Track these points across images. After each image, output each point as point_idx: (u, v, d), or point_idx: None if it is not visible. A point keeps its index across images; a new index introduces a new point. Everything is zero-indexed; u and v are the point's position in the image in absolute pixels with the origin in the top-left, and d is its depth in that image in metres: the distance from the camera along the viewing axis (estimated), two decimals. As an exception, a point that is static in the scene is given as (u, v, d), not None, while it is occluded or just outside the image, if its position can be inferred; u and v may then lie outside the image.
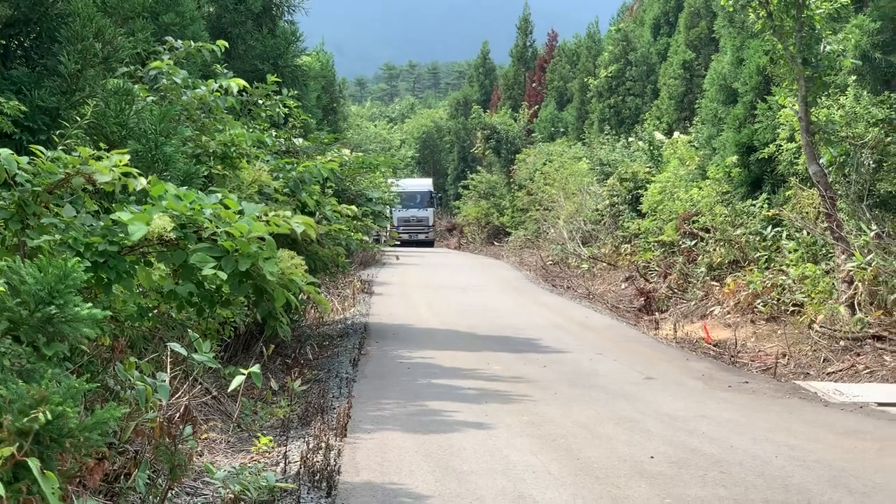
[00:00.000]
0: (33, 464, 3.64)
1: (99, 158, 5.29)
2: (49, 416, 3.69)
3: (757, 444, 10.71)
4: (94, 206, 5.38)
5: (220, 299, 5.06)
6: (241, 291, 4.76)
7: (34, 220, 5.00)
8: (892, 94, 18.15)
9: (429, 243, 61.76)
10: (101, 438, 3.96)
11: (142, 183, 5.25)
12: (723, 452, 10.29)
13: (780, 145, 21.40)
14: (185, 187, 5.35)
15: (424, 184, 65.32)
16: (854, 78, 18.86)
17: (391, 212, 55.05)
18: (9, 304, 3.93)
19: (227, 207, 5.08)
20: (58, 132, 6.41)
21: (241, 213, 5.05)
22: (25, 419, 3.66)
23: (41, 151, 5.34)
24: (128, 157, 5.40)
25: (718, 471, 9.51)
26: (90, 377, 4.20)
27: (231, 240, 4.72)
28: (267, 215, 5.19)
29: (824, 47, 18.13)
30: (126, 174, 5.37)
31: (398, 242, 56.01)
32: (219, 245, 4.78)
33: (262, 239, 4.96)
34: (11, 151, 5.25)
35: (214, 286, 5.21)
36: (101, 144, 5.87)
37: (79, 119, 6.65)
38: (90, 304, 4.03)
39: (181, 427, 5.62)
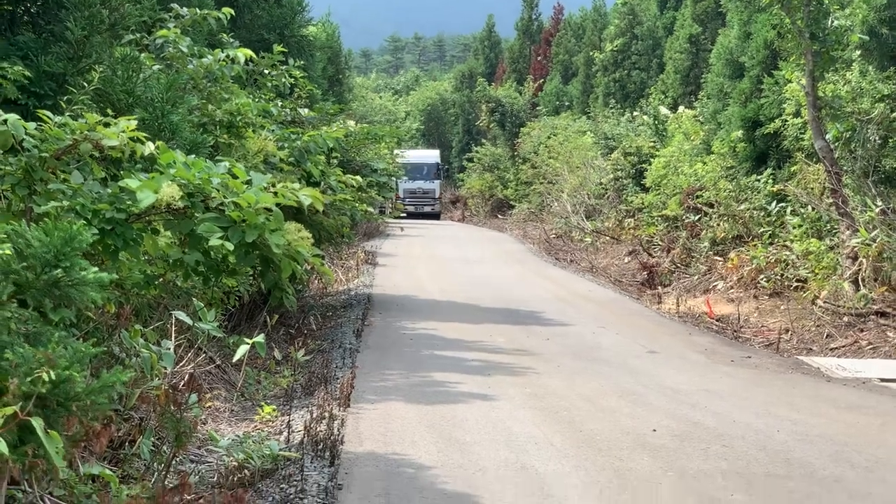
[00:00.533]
0: (37, 423, 3.65)
1: (107, 125, 5.29)
2: (53, 377, 3.70)
3: (759, 419, 10.73)
4: (101, 172, 5.38)
5: (226, 269, 5.06)
6: (248, 262, 4.76)
7: (41, 185, 4.99)
8: (897, 70, 18.08)
9: (435, 216, 60.65)
10: (108, 403, 3.97)
11: (150, 148, 5.24)
12: (725, 426, 10.31)
13: (786, 120, 21.34)
14: (192, 156, 5.35)
15: (431, 155, 64.15)
16: (860, 53, 18.77)
17: (397, 183, 54.83)
18: (15, 267, 3.93)
19: (235, 177, 5.07)
20: (65, 98, 6.40)
21: (248, 183, 5.04)
22: (29, 379, 3.67)
23: (48, 117, 5.33)
24: (135, 122, 5.39)
25: (721, 444, 9.53)
26: (96, 343, 4.19)
27: (238, 210, 4.71)
28: (275, 186, 5.19)
29: (832, 22, 18.05)
30: (134, 140, 5.37)
31: (404, 214, 55.96)
32: (226, 215, 4.77)
33: (270, 210, 4.96)
34: (18, 117, 5.24)
35: (221, 256, 5.21)
36: (109, 112, 5.86)
37: (85, 85, 6.64)
38: (96, 269, 4.03)
39: (186, 395, 5.63)
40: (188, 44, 10.22)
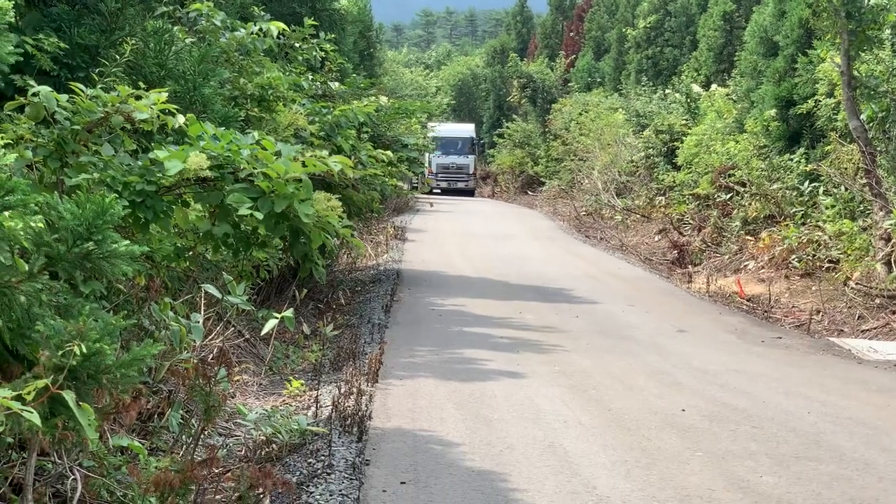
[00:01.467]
0: (69, 396, 3.65)
1: (138, 97, 5.27)
2: (84, 350, 3.69)
3: (789, 400, 10.67)
4: (132, 145, 5.38)
5: (255, 241, 5.04)
6: (278, 232, 4.74)
7: (73, 158, 4.99)
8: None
9: (469, 192, 58.24)
10: (138, 376, 3.97)
11: (180, 120, 5.23)
12: (755, 407, 10.26)
13: (819, 101, 21.15)
14: (222, 129, 5.33)
15: (466, 129, 61.23)
16: (891, 33, 18.54)
17: (430, 158, 54.18)
18: (46, 239, 3.92)
19: (264, 149, 5.05)
20: (97, 70, 6.39)
21: (277, 154, 5.02)
22: (60, 352, 3.67)
23: (80, 89, 5.32)
24: (166, 95, 5.37)
25: (750, 425, 9.49)
26: (126, 316, 4.19)
27: (268, 181, 4.69)
28: (304, 156, 5.16)
29: (868, 0, 17.85)
30: (165, 112, 5.35)
31: (438, 191, 54.42)
32: (255, 186, 4.75)
33: (299, 180, 4.93)
34: (51, 89, 5.24)
35: (250, 227, 5.20)
36: (140, 84, 5.85)
37: (118, 58, 6.64)
38: (128, 241, 4.03)
39: (216, 368, 5.63)
40: (222, 17, 10.20)
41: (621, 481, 7.70)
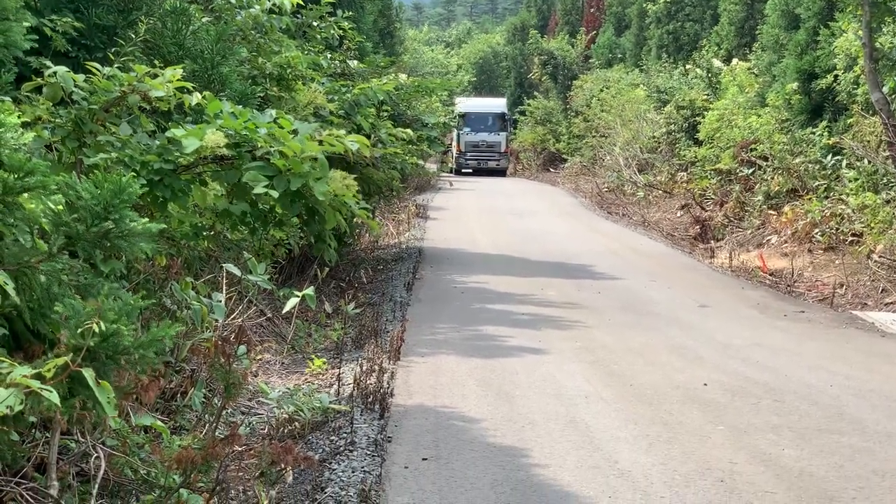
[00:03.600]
0: (88, 374, 3.68)
1: (154, 76, 5.28)
2: (103, 328, 3.71)
3: (812, 373, 10.65)
4: (149, 125, 5.39)
5: (273, 219, 5.06)
6: (294, 211, 4.75)
7: (91, 138, 5.01)
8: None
9: (500, 172, 54.21)
10: (157, 356, 3.99)
11: (197, 98, 5.24)
12: (777, 381, 10.25)
13: (838, 75, 21.02)
14: (240, 107, 5.34)
15: (497, 104, 57.58)
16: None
17: (458, 135, 52.47)
18: (65, 219, 3.95)
19: (281, 127, 5.06)
20: (113, 50, 6.41)
21: (294, 132, 5.02)
22: (80, 331, 3.69)
23: (97, 69, 5.34)
24: (181, 71, 5.38)
25: (772, 399, 9.48)
26: (146, 295, 4.21)
27: (284, 159, 4.70)
28: (321, 134, 5.16)
29: (891, -29, 17.72)
30: (181, 90, 5.36)
31: (469, 170, 53.03)
32: (272, 164, 4.76)
33: (316, 159, 4.93)
34: (68, 69, 5.26)
35: (268, 206, 5.21)
36: (157, 63, 5.86)
37: (133, 37, 6.65)
38: (146, 219, 4.05)
39: (235, 346, 5.66)
40: (237, -6, 10.22)
41: (643, 456, 7.71)
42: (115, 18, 7.06)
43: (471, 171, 53.35)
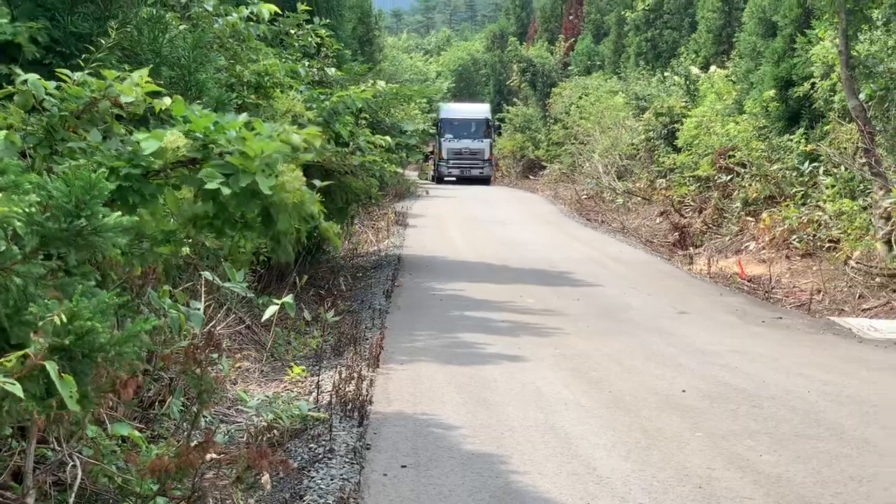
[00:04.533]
0: (50, 366, 3.66)
1: (124, 79, 5.27)
2: (65, 319, 3.71)
3: (790, 379, 10.69)
4: (121, 130, 5.38)
5: (240, 221, 5.03)
6: (249, 209, 4.72)
7: (62, 145, 5.00)
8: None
9: (484, 180, 52.44)
10: (134, 353, 3.99)
11: (166, 102, 5.23)
12: (755, 387, 10.28)
13: (815, 83, 21.13)
14: (216, 112, 5.33)
15: (481, 110, 55.99)
16: (893, 12, 18.51)
17: (440, 142, 51.36)
18: (38, 218, 3.94)
19: (252, 130, 5.03)
20: (83, 57, 6.39)
21: (258, 133, 5.00)
22: (46, 325, 3.68)
23: (67, 75, 5.33)
24: (146, 73, 5.36)
25: (750, 405, 9.51)
26: (120, 293, 4.22)
27: (243, 158, 4.68)
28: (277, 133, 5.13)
29: (866, -21, 17.83)
30: (153, 94, 5.35)
31: (453, 179, 51.65)
32: (228, 162, 4.73)
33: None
34: (39, 76, 5.24)
35: (239, 214, 5.18)
36: (130, 70, 5.84)
37: (103, 42, 6.63)
38: (118, 213, 4.04)
39: (207, 353, 5.65)
40: (213, 2, 10.17)
41: (621, 462, 7.72)
42: (90, 26, 7.04)
43: (454, 179, 52.21)
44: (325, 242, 16.83)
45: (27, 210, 3.91)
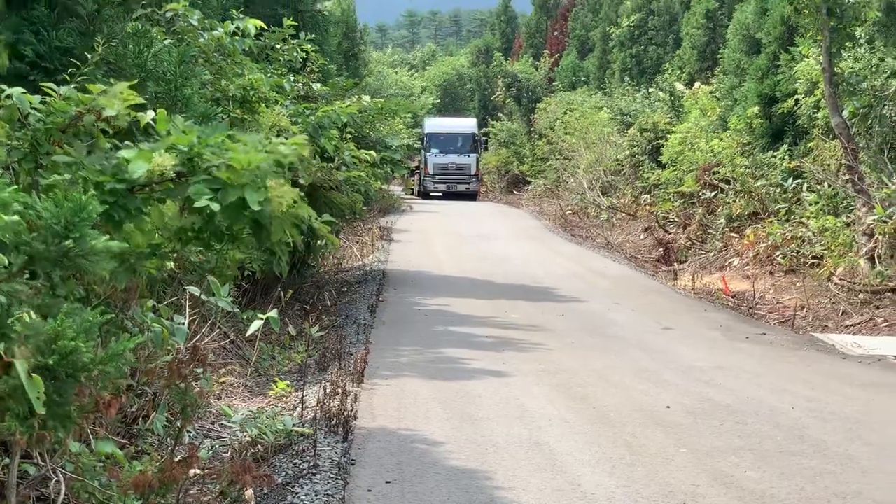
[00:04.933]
0: (20, 365, 3.65)
1: (106, 92, 5.26)
2: (33, 317, 3.69)
3: (774, 396, 10.70)
4: (106, 144, 5.36)
5: (227, 235, 5.01)
6: (239, 223, 4.70)
7: (47, 159, 4.99)
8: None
9: (471, 195, 51.48)
10: (118, 372, 3.98)
11: (150, 116, 5.21)
12: (739, 403, 10.29)
13: (798, 100, 21.23)
14: (190, 123, 5.31)
15: (467, 124, 55.14)
16: (876, 29, 18.61)
17: (425, 157, 50.77)
18: (26, 238, 3.93)
19: (235, 142, 5.02)
20: (69, 71, 6.38)
21: (244, 144, 4.98)
22: (29, 343, 3.67)
23: (52, 90, 5.32)
24: (127, 84, 5.34)
25: (734, 421, 9.52)
26: (105, 311, 4.20)
27: (230, 171, 4.67)
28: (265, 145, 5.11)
29: (849, -3, 17.92)
30: (137, 108, 5.33)
31: (440, 194, 50.84)
32: (215, 177, 4.72)
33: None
34: (23, 90, 5.23)
35: (225, 225, 5.15)
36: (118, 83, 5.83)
37: (89, 56, 6.61)
38: (107, 237, 4.03)
39: (191, 367, 5.63)
40: (199, 17, 10.17)
41: (606, 478, 7.72)
42: (75, 41, 7.03)
43: (440, 194, 51.42)
44: (309, 257, 16.83)
45: (15, 228, 3.90)
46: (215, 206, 4.49)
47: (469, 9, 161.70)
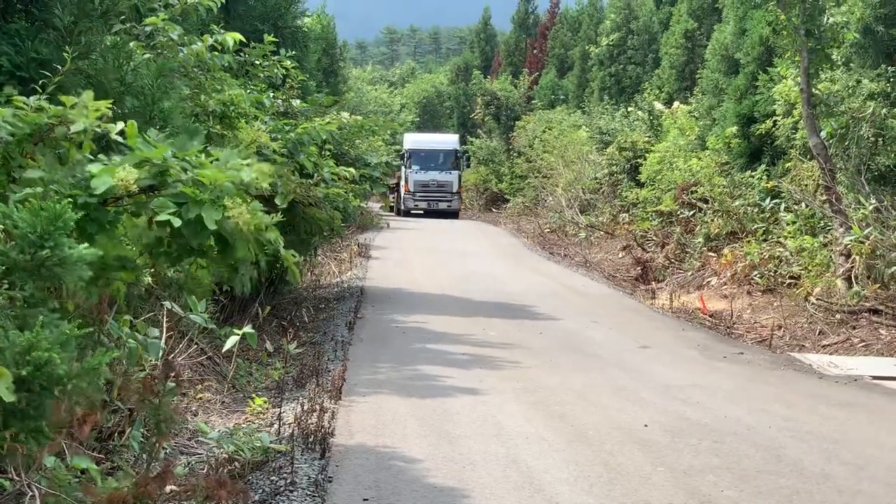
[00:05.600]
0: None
1: (86, 107, 5.23)
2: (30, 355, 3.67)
3: (751, 415, 10.71)
4: (77, 156, 5.32)
5: (195, 250, 4.98)
6: (200, 239, 4.68)
7: (19, 172, 4.95)
8: (889, 68, 18.00)
9: (452, 213, 50.51)
10: (92, 386, 3.94)
11: (118, 128, 5.17)
12: (717, 422, 10.29)
13: (777, 121, 21.32)
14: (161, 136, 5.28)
15: (449, 140, 54.36)
16: (854, 51, 18.72)
17: (406, 174, 49.67)
18: (2, 248, 3.90)
19: (208, 157, 5.00)
20: (41, 83, 6.34)
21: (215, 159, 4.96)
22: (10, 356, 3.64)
23: (24, 102, 5.29)
24: (92, 94, 5.31)
25: (712, 440, 9.52)
26: (82, 325, 4.17)
27: (196, 187, 4.65)
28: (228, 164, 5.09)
29: (828, 19, 18.02)
30: (102, 119, 5.29)
31: (421, 212, 49.96)
32: (180, 192, 4.70)
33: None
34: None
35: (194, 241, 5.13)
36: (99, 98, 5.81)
37: (59, 67, 6.58)
38: (85, 245, 4.01)
39: (164, 382, 5.59)
40: (179, 32, 10.14)
41: (584, 497, 7.70)
42: (52, 52, 6.99)
43: (421, 212, 50.50)
44: (287, 273, 16.78)
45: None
46: (176, 221, 4.47)
47: (448, 26, 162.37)
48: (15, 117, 5.16)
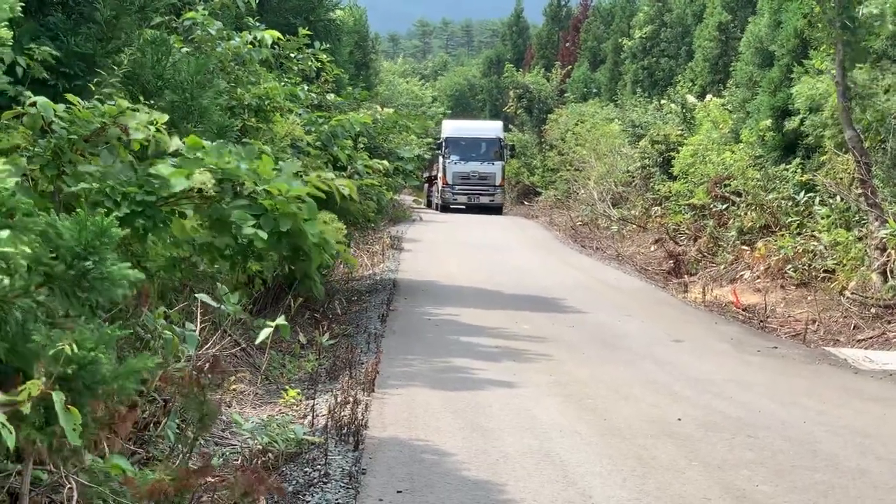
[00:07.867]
0: (57, 397, 3.65)
1: (136, 110, 5.28)
2: (78, 354, 3.69)
3: (785, 409, 10.68)
4: (127, 156, 5.38)
5: (253, 253, 5.04)
6: (279, 249, 4.74)
7: (70, 167, 5.01)
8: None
9: (495, 209, 46.81)
10: (134, 388, 3.98)
11: (176, 144, 5.21)
12: (750, 416, 10.27)
13: (804, 118, 21.16)
14: (221, 141, 5.33)
15: (492, 128, 50.62)
16: (885, 43, 18.58)
17: (444, 164, 46.54)
18: (45, 260, 3.92)
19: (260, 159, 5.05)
20: (94, 80, 6.40)
21: (278, 170, 5.01)
22: (52, 353, 3.67)
23: (77, 101, 5.34)
24: (167, 116, 5.36)
25: (745, 434, 9.50)
26: (123, 325, 4.20)
27: (270, 198, 4.69)
28: (305, 174, 5.15)
29: (862, 11, 17.88)
30: (158, 130, 5.35)
31: (462, 207, 46.79)
32: (258, 203, 4.75)
33: (303, 200, 4.89)
34: (47, 99, 5.25)
35: (247, 240, 5.18)
36: (140, 96, 5.86)
37: (115, 68, 6.64)
38: (127, 264, 4.02)
39: (210, 377, 5.64)
40: (217, 27, 10.19)
41: (617, 490, 7.70)
42: (93, 47, 7.04)
43: (462, 207, 46.97)
44: (322, 269, 16.82)
45: (33, 250, 3.89)
46: (263, 234, 4.51)
47: (481, 19, 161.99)
48: (68, 113, 5.21)
